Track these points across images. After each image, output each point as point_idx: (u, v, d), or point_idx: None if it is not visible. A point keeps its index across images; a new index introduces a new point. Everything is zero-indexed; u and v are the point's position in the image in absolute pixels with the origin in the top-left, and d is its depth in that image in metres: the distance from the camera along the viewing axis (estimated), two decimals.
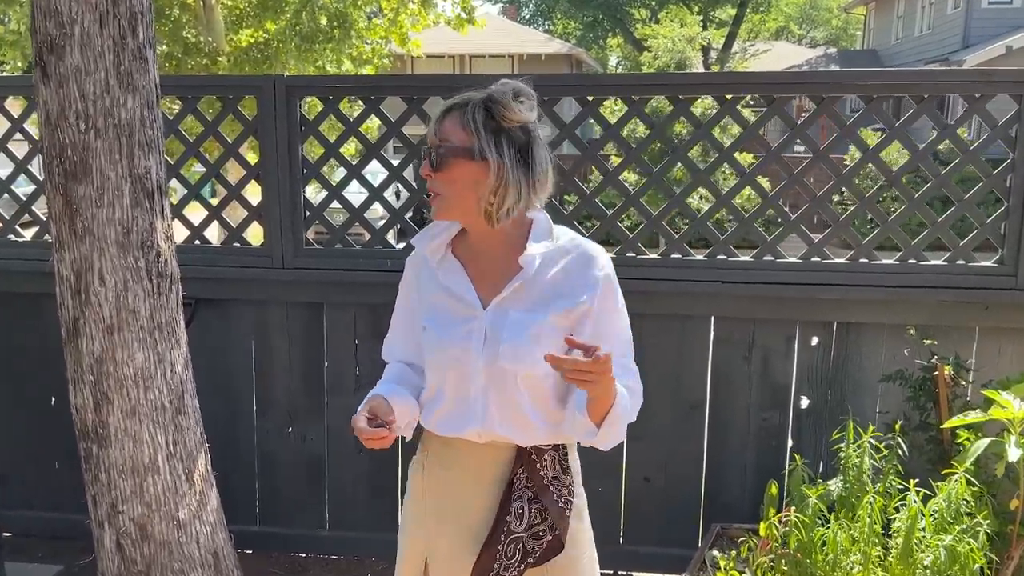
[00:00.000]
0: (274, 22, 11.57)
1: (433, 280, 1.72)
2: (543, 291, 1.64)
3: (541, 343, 1.61)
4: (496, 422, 1.67)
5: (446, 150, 1.59)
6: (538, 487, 1.69)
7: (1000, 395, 2.24)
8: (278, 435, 3.40)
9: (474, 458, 1.72)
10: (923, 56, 21.35)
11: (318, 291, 3.28)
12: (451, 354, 1.67)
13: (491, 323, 1.65)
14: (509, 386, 1.66)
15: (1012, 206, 2.84)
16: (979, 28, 19.32)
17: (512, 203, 1.60)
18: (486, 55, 24.87)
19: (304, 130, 3.18)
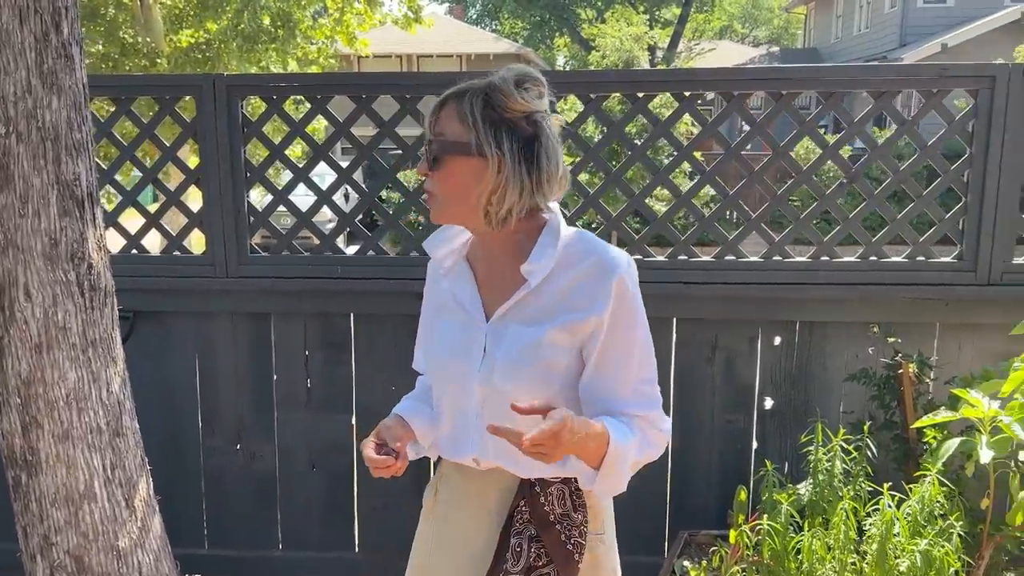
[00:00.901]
0: (215, 22, 11.26)
1: (442, 286, 1.60)
2: (549, 303, 1.47)
3: (537, 362, 1.46)
4: (491, 449, 1.50)
5: (441, 146, 1.43)
6: (541, 524, 1.50)
7: (969, 394, 2.21)
8: (225, 453, 3.23)
9: (476, 485, 1.58)
10: (862, 54, 21.82)
11: (265, 300, 3.13)
12: (450, 369, 1.54)
13: (491, 337, 1.50)
14: (505, 409, 1.42)
15: (970, 201, 2.83)
16: (915, 27, 19.80)
17: (513, 203, 1.42)
18: (434, 55, 24.68)
19: (247, 132, 3.03)
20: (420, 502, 3.15)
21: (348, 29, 12.93)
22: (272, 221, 3.12)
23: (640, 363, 1.49)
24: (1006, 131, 2.74)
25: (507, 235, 1.49)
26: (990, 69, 2.74)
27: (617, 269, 1.45)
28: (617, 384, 1.47)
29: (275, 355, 3.17)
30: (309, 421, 3.20)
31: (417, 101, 2.97)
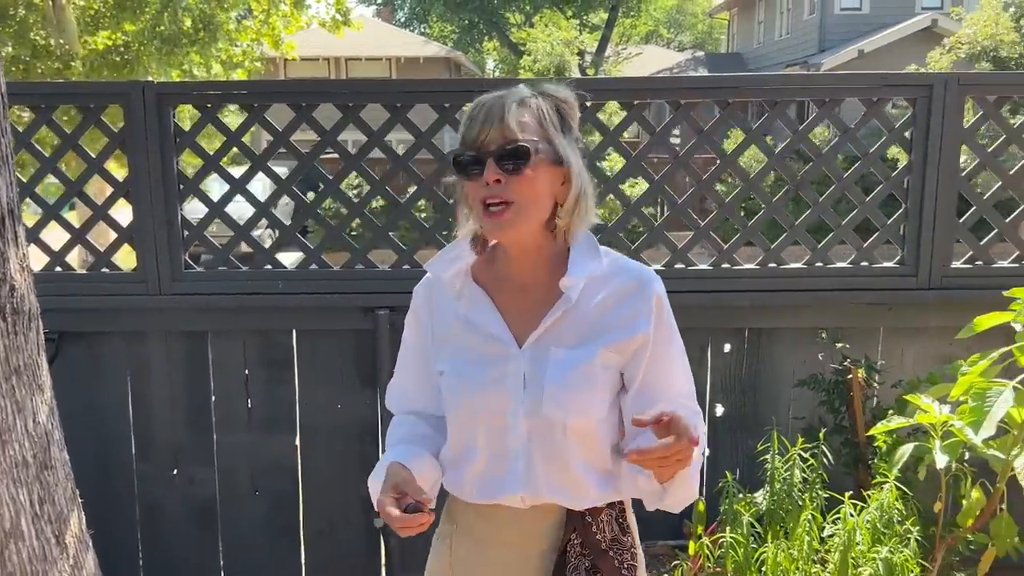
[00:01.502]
0: (133, 23, 10.85)
1: (452, 313, 1.45)
2: (590, 322, 1.39)
3: (592, 385, 1.38)
4: (542, 484, 1.40)
5: (531, 145, 1.32)
6: (596, 554, 1.41)
7: (920, 399, 2.23)
8: (162, 479, 3.07)
9: (516, 527, 1.44)
10: (784, 59, 22.42)
11: (201, 318, 2.99)
12: (482, 403, 1.40)
13: (531, 364, 1.39)
14: (557, 439, 1.38)
15: (910, 207, 2.89)
16: (834, 33, 20.44)
17: (588, 217, 1.38)
18: (362, 58, 24.36)
19: (179, 141, 2.89)
20: (368, 523, 3.08)
21: (274, 32, 12.66)
22: (208, 235, 2.97)
23: (685, 378, 1.47)
24: (943, 138, 2.80)
25: (544, 253, 1.42)
26: (927, 78, 2.80)
27: (654, 283, 1.42)
28: (668, 397, 1.41)
29: (213, 375, 3.03)
30: (250, 442, 3.07)
31: (360, 109, 2.88)
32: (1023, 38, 13.58)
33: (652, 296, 1.40)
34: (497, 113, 1.33)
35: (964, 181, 2.85)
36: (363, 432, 3.05)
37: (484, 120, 1.33)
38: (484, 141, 1.33)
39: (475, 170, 1.34)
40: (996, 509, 2.33)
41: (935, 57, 14.33)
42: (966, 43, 13.92)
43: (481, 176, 1.33)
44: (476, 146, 1.34)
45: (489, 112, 1.34)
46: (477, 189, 1.34)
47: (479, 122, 1.34)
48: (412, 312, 1.53)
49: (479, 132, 1.33)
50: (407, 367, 1.56)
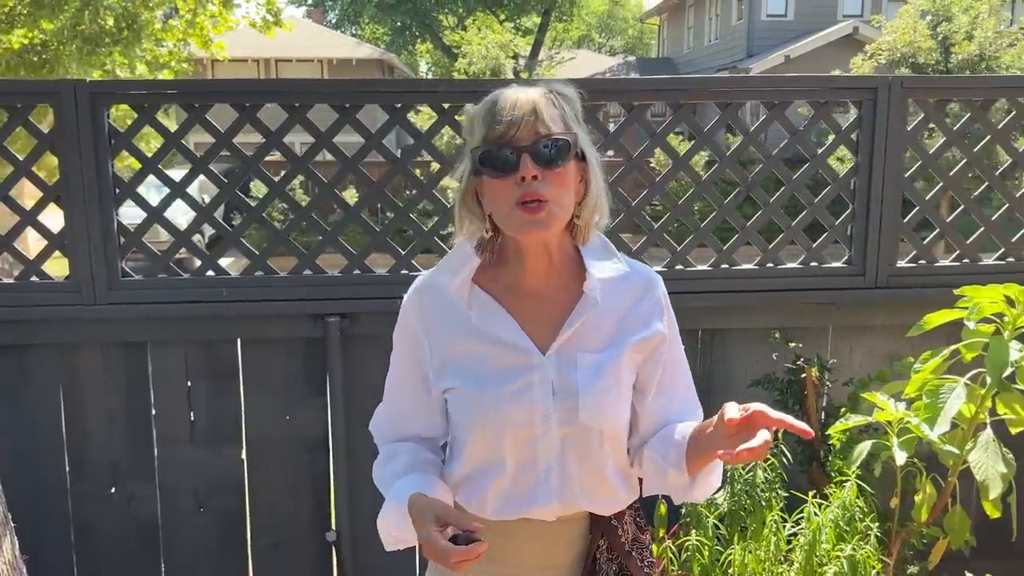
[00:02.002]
0: (51, 21, 10.41)
1: (459, 325, 1.37)
2: (611, 324, 1.37)
3: (620, 389, 1.36)
4: (578, 493, 1.36)
5: (571, 139, 1.28)
6: (622, 555, 1.41)
7: (877, 397, 2.27)
8: (98, 499, 2.92)
9: (540, 541, 1.39)
10: (713, 64, 22.92)
11: (140, 328, 2.85)
12: (508, 417, 1.33)
13: (558, 371, 1.34)
14: (593, 447, 1.35)
15: (857, 208, 2.94)
16: (761, 39, 20.99)
17: (603, 215, 1.36)
18: (293, 59, 23.95)
19: (115, 143, 2.75)
20: (320, 537, 2.99)
21: (202, 32, 12.32)
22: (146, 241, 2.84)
23: (688, 371, 1.49)
24: (888, 140, 2.86)
25: (559, 256, 1.38)
26: (873, 81, 2.85)
27: (659, 281, 1.44)
28: (681, 393, 1.46)
29: (153, 388, 2.89)
30: (194, 457, 2.94)
31: (307, 109, 2.78)
32: (939, 45, 14.13)
33: (661, 294, 1.43)
34: (528, 107, 1.27)
35: (908, 182, 2.92)
36: (313, 444, 2.96)
37: (513, 114, 1.27)
38: (516, 136, 1.27)
39: (508, 166, 1.27)
40: (948, 503, 2.38)
41: (857, 63, 14.81)
42: (886, 50, 14.42)
43: (515, 172, 1.26)
44: (507, 141, 1.27)
45: (518, 106, 1.27)
46: (508, 187, 1.28)
47: (506, 117, 1.27)
48: (403, 328, 1.44)
49: (509, 127, 1.27)
50: (400, 389, 1.47)
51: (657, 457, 1.40)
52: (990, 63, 13.62)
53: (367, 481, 2.95)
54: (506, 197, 1.28)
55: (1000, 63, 13.51)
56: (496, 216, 1.33)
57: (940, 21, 14.23)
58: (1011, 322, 2.30)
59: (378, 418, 1.52)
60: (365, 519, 2.99)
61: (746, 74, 18.12)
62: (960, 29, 13.92)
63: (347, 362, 2.87)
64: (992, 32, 13.69)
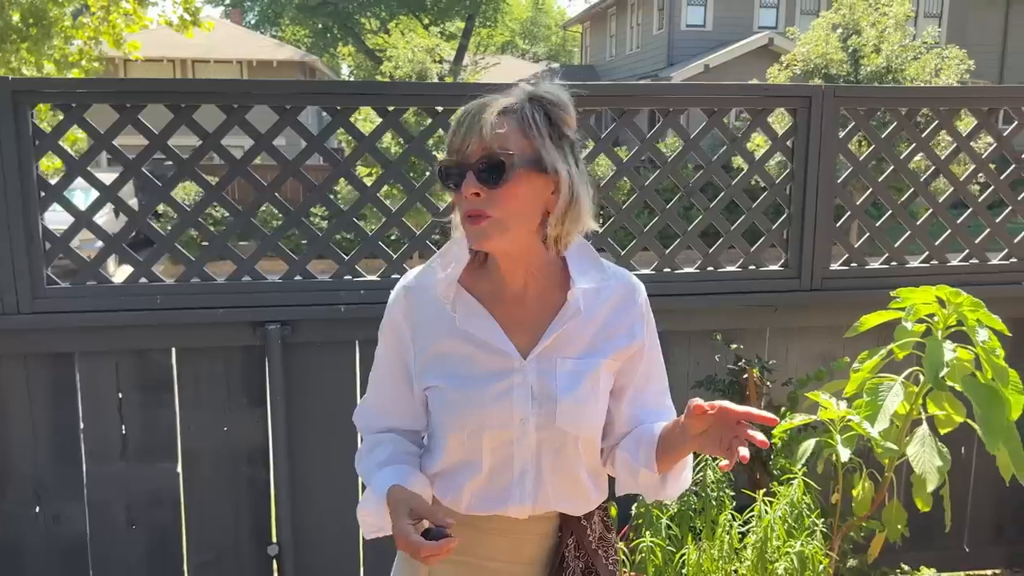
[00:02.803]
0: None
1: (444, 325, 1.38)
2: (592, 331, 1.39)
3: (598, 395, 1.37)
4: (551, 495, 1.39)
5: (511, 160, 1.26)
6: (588, 554, 1.44)
7: (820, 396, 2.33)
8: (22, 518, 2.76)
9: (511, 537, 1.42)
10: (635, 72, 23.33)
11: (67, 339, 2.72)
12: (487, 418, 1.35)
13: (537, 376, 1.36)
14: (568, 451, 1.38)
15: (793, 213, 3.02)
16: (681, 48, 21.49)
17: (581, 225, 1.34)
18: (211, 60, 23.32)
19: (40, 145, 2.61)
20: (260, 551, 2.90)
21: (115, 30, 11.87)
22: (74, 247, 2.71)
23: (664, 376, 1.51)
24: (822, 147, 2.96)
25: (541, 263, 1.38)
26: (807, 90, 2.95)
27: (641, 289, 1.45)
28: (656, 398, 1.48)
29: (81, 400, 2.76)
30: (126, 472, 2.82)
31: (246, 111, 2.70)
32: (850, 57, 14.74)
33: (642, 302, 1.44)
34: (477, 123, 1.28)
35: (840, 188, 3.02)
36: (252, 455, 2.87)
37: (467, 129, 1.28)
38: (465, 152, 1.29)
39: (456, 182, 1.29)
40: (885, 497, 2.46)
41: (773, 73, 15.32)
42: (801, 61, 14.96)
43: (459, 189, 1.29)
44: (457, 157, 1.30)
45: (471, 121, 1.29)
46: (459, 201, 1.31)
47: (462, 131, 1.29)
48: (389, 324, 1.45)
49: (461, 142, 1.29)
50: (385, 382, 1.48)
51: (628, 457, 1.43)
52: (896, 75, 14.28)
53: (309, 492, 2.90)
54: (461, 210, 1.32)
55: (905, 75, 14.18)
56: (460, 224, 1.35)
57: (850, 34, 14.84)
58: (942, 322, 2.40)
59: (362, 409, 1.52)
60: (308, 531, 2.92)
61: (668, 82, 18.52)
62: (868, 42, 14.55)
63: (288, 370, 2.80)
64: (898, 45, 14.36)
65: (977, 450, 3.24)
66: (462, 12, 31.29)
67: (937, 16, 21.24)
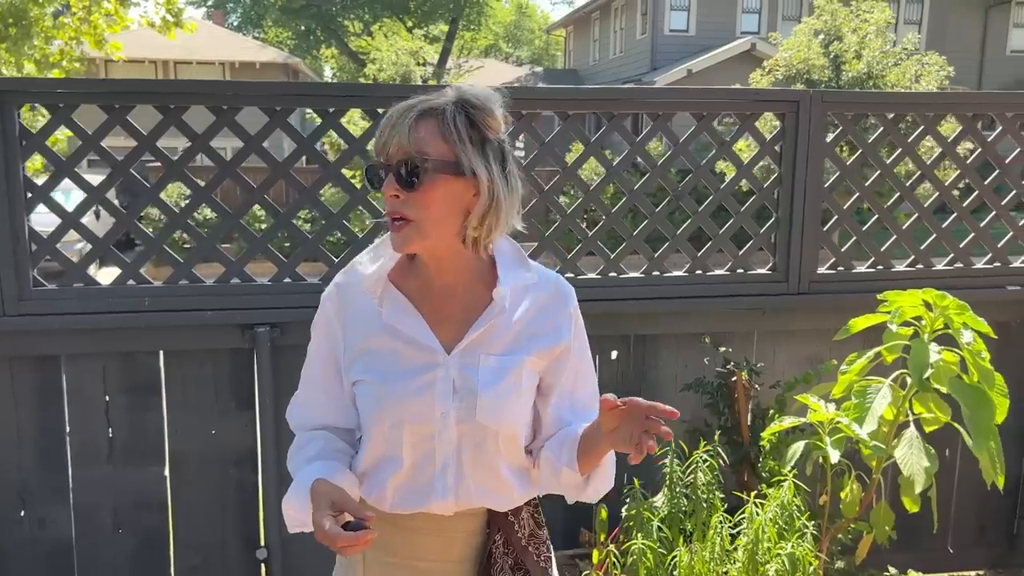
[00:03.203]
0: None
1: (372, 320, 1.40)
2: (517, 330, 1.41)
3: (519, 392, 1.40)
4: (472, 490, 1.41)
5: (427, 165, 1.29)
6: (518, 550, 1.45)
7: (809, 398, 2.35)
8: (7, 522, 2.73)
9: (439, 535, 1.43)
10: (618, 77, 23.42)
11: (53, 341, 2.69)
12: (408, 411, 1.37)
13: (460, 371, 1.38)
14: (488, 446, 1.40)
15: (780, 217, 3.05)
16: (664, 53, 21.58)
17: (501, 227, 1.36)
18: (193, 61, 23.17)
19: (27, 145, 2.59)
20: (248, 554, 2.88)
21: (96, 30, 11.76)
22: (60, 249, 2.68)
23: (594, 379, 1.53)
24: (809, 151, 2.98)
25: (467, 263, 1.40)
26: (795, 95, 2.97)
27: (571, 293, 1.47)
28: (585, 402, 1.49)
29: (68, 404, 2.73)
30: (112, 476, 2.79)
31: (236, 112, 2.69)
32: (831, 63, 14.88)
33: (571, 305, 1.47)
34: (400, 125, 1.31)
35: (827, 192, 3.05)
36: (240, 458, 2.85)
37: (390, 131, 1.31)
38: (388, 154, 1.32)
39: (378, 183, 1.33)
40: (873, 499, 2.49)
41: (756, 78, 15.44)
42: (783, 66, 15.10)
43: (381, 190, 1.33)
44: (381, 158, 1.33)
45: (391, 123, 1.31)
46: (385, 201, 1.34)
47: (386, 133, 1.32)
48: (322, 321, 1.47)
49: (384, 144, 1.32)
50: (316, 379, 1.49)
51: (552, 457, 1.44)
52: (877, 80, 14.44)
53: None
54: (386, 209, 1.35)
55: (886, 81, 14.34)
56: None
57: (832, 40, 15.00)
58: (928, 325, 2.43)
59: (294, 407, 1.53)
60: (297, 535, 2.90)
61: (651, 86, 18.61)
62: (850, 48, 14.70)
63: (277, 373, 2.78)
64: (878, 52, 14.52)
65: (961, 452, 3.27)
66: (446, 15, 31.29)
67: (917, 23, 21.49)
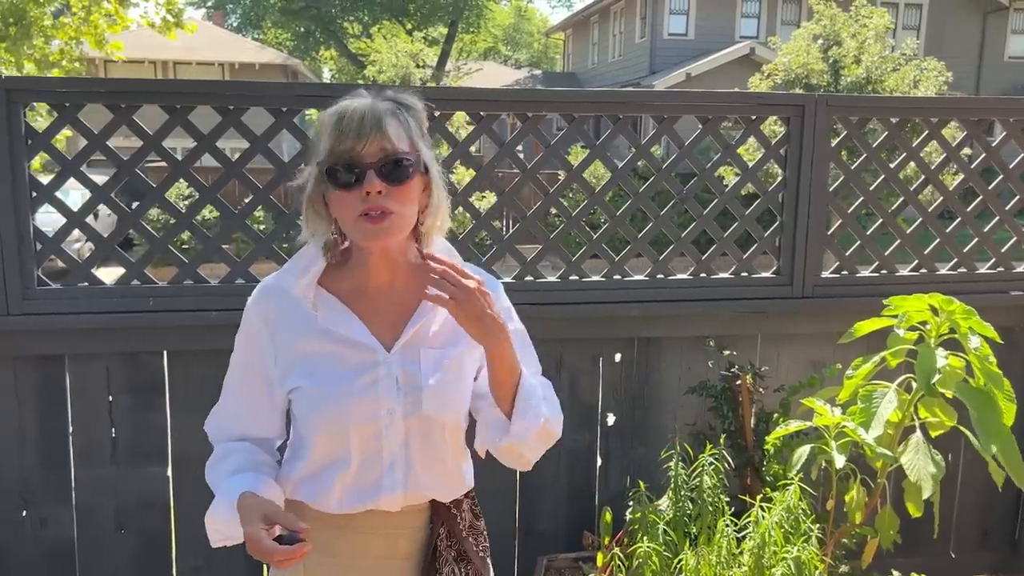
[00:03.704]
0: None
1: (305, 325, 1.41)
2: (453, 324, 1.42)
3: (461, 381, 1.45)
4: (422, 481, 1.44)
5: (407, 161, 1.34)
6: (460, 540, 1.48)
7: (815, 402, 2.35)
8: (8, 522, 2.72)
9: (383, 532, 1.45)
10: (617, 80, 23.45)
11: (57, 341, 2.68)
12: (355, 411, 1.39)
13: (402, 366, 1.41)
14: (435, 437, 1.44)
15: (785, 221, 3.05)
16: (663, 56, 21.63)
17: (443, 222, 1.43)
18: (193, 62, 23.17)
19: (32, 144, 2.58)
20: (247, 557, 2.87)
21: (96, 30, 11.76)
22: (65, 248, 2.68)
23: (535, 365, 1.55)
24: (815, 155, 2.99)
25: (404, 260, 1.45)
26: (800, 99, 2.97)
27: (501, 290, 1.53)
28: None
29: (71, 403, 2.72)
30: (115, 476, 2.78)
31: (242, 113, 2.69)
32: (830, 68, 14.91)
33: (500, 297, 1.51)
34: (374, 123, 1.33)
35: (831, 196, 3.05)
36: None
37: (359, 130, 1.32)
38: (362, 152, 1.32)
39: (353, 182, 1.33)
40: (878, 504, 2.48)
41: (755, 82, 15.45)
42: (782, 70, 15.11)
43: (358, 187, 1.33)
44: (352, 157, 1.32)
45: (364, 122, 1.33)
46: (351, 200, 1.34)
47: (353, 132, 1.32)
48: (246, 331, 1.47)
49: (355, 142, 1.32)
50: (240, 389, 1.49)
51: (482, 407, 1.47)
52: (876, 86, 14.46)
53: None
54: (351, 209, 1.34)
55: (885, 86, 14.35)
56: (342, 224, 1.39)
57: (831, 45, 15.01)
58: (934, 329, 2.43)
59: (214, 417, 1.53)
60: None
61: (655, 89, 18.63)
62: (849, 53, 14.72)
63: None
64: (878, 57, 14.54)
65: (964, 457, 3.28)
66: (445, 18, 31.30)
67: (916, 28, 21.55)
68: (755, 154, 10.73)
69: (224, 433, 1.51)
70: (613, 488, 3.08)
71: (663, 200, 3.20)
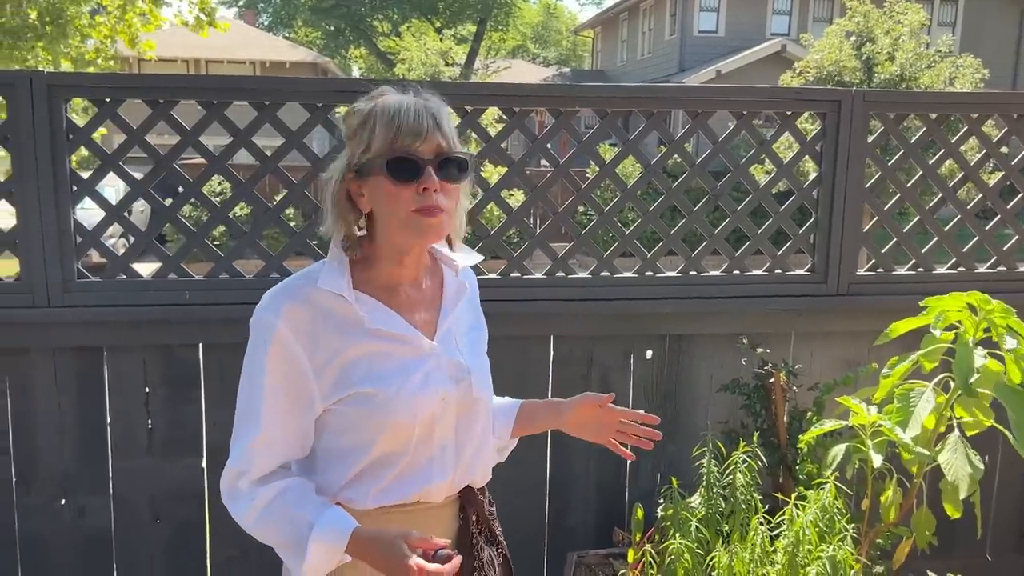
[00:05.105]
0: None
1: (352, 328, 1.38)
2: (469, 309, 1.57)
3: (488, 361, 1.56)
4: (468, 465, 1.50)
5: (465, 159, 1.38)
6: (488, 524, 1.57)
7: (851, 401, 2.33)
8: (47, 511, 2.77)
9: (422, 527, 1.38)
10: (646, 78, 23.33)
11: (96, 333, 2.73)
12: (421, 405, 1.40)
13: (448, 356, 1.47)
14: (482, 419, 1.52)
15: (820, 218, 3.02)
16: (693, 54, 21.48)
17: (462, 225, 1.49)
18: (224, 60, 23.43)
19: (73, 139, 2.63)
20: None
21: (130, 29, 11.93)
22: (104, 242, 2.72)
23: None
24: (851, 151, 2.95)
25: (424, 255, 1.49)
26: (837, 94, 2.94)
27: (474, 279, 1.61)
28: None
29: (109, 395, 2.77)
30: (151, 467, 2.82)
31: (277, 108, 2.72)
32: (863, 65, 14.71)
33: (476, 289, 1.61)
34: (431, 121, 1.34)
35: (868, 193, 3.01)
36: None
37: (418, 126, 1.33)
38: (420, 148, 1.33)
39: (412, 176, 1.33)
40: (914, 504, 2.45)
41: (786, 79, 15.29)
42: (814, 68, 14.93)
43: (413, 183, 1.33)
44: (413, 152, 1.33)
45: (420, 118, 1.34)
46: (406, 195, 1.34)
47: (411, 128, 1.33)
48: (276, 349, 1.35)
49: (415, 138, 1.33)
50: (273, 413, 1.38)
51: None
52: (910, 83, 14.23)
53: None
54: (404, 204, 1.34)
55: (920, 83, 14.13)
56: (389, 218, 1.37)
57: (864, 42, 14.81)
58: (971, 329, 2.39)
59: (257, 450, 1.39)
60: None
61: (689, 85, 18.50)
62: (883, 50, 14.51)
63: None
64: (912, 54, 14.32)
65: (1002, 458, 3.22)
66: (474, 16, 31.34)
67: (951, 24, 21.20)
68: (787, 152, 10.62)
69: (260, 467, 1.40)
70: (643, 485, 3.07)
71: (695, 197, 3.18)
